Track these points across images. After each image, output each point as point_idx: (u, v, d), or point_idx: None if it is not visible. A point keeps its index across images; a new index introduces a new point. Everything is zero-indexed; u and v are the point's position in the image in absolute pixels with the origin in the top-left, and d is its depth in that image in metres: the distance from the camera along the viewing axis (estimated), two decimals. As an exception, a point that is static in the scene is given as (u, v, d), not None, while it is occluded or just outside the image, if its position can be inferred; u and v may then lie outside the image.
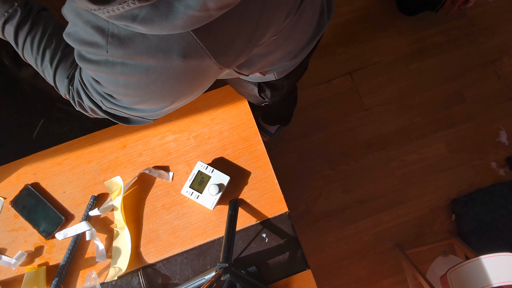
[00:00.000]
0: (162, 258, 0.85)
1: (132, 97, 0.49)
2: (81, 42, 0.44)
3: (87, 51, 0.44)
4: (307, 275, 0.83)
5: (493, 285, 1.12)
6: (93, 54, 0.44)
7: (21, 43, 0.60)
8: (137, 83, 0.45)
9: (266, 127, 1.69)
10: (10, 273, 0.86)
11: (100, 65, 0.44)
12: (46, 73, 0.62)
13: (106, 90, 0.50)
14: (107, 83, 0.48)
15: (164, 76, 0.44)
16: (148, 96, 0.48)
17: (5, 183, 0.91)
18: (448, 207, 1.73)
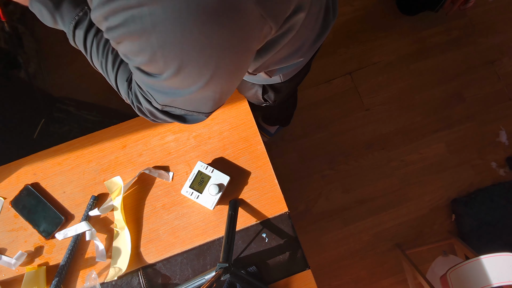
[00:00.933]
0: (162, 258, 0.85)
1: (171, 61, 0.42)
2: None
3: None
4: (307, 275, 0.83)
5: (493, 285, 1.12)
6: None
7: (89, 47, 0.59)
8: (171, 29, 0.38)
9: (266, 127, 1.69)
10: (10, 273, 0.86)
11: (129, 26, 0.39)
12: (110, 77, 0.61)
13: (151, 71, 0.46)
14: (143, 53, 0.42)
15: (197, 13, 0.36)
16: (187, 55, 0.41)
17: (5, 183, 0.91)
18: (448, 207, 1.73)
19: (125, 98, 0.61)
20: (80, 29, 0.57)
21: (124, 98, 0.62)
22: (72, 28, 0.58)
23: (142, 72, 0.45)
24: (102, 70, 0.62)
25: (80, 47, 0.61)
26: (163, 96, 0.50)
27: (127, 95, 0.60)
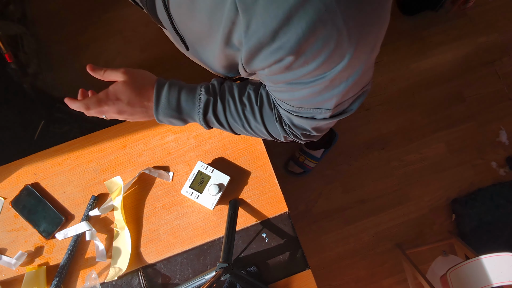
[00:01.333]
0: (162, 258, 0.85)
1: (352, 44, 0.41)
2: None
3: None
4: (307, 275, 0.83)
5: (493, 285, 1.12)
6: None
7: (224, 122, 0.63)
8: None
9: (311, 152, 1.69)
10: (10, 273, 0.86)
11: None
12: (258, 132, 0.64)
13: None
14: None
15: None
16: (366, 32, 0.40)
17: (5, 183, 0.91)
18: (448, 207, 1.73)
19: (277, 136, 0.63)
20: (209, 114, 0.61)
21: (275, 136, 0.64)
22: (202, 120, 0.62)
23: (314, 87, 0.46)
24: (246, 131, 0.64)
25: (216, 127, 0.65)
26: (333, 93, 0.48)
27: (284, 133, 0.62)
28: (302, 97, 0.50)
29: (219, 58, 0.53)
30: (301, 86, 0.47)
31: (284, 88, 0.50)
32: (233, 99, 0.61)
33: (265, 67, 0.44)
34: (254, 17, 0.38)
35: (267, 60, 0.42)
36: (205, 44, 0.52)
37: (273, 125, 0.62)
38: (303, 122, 0.57)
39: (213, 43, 0.49)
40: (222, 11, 0.41)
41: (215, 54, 0.52)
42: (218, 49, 0.50)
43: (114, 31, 1.87)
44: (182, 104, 0.61)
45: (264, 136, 0.65)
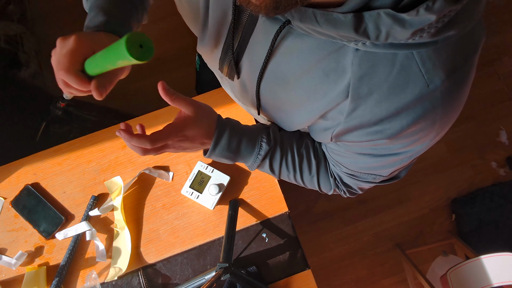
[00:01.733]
0: (162, 258, 0.85)
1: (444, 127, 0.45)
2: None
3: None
4: (307, 275, 0.83)
5: (493, 285, 1.12)
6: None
7: (277, 170, 0.64)
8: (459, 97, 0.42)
9: None
10: (10, 273, 0.86)
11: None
12: (307, 183, 0.65)
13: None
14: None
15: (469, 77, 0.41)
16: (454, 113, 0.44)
17: (5, 183, 0.91)
18: (448, 207, 1.73)
19: (326, 189, 0.66)
20: (265, 161, 0.62)
21: (323, 190, 0.67)
22: (257, 166, 0.63)
23: (382, 160, 0.50)
24: (295, 180, 0.66)
25: (263, 171, 0.66)
26: (395, 165, 0.52)
27: (332, 186, 0.64)
28: (365, 166, 0.53)
29: (301, 123, 0.54)
30: (370, 157, 0.50)
31: (351, 156, 0.52)
32: (292, 150, 0.62)
33: (354, 141, 0.47)
34: (362, 105, 0.41)
35: (360, 138, 0.45)
36: (290, 111, 0.54)
37: (327, 180, 0.64)
38: (352, 182, 0.60)
39: (301, 112, 0.51)
40: (327, 91, 0.43)
41: (295, 119, 0.54)
42: (306, 117, 0.51)
43: (114, 31, 1.87)
44: (242, 149, 0.60)
45: (311, 187, 0.67)
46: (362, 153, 0.50)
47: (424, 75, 0.37)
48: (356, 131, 0.45)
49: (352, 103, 0.42)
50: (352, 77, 0.40)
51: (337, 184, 0.63)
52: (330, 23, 0.34)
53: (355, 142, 0.47)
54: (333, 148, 0.56)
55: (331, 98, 0.44)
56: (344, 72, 0.40)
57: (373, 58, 0.38)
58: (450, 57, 0.37)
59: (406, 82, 0.38)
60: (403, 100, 0.39)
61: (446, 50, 0.37)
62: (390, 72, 0.38)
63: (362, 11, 0.33)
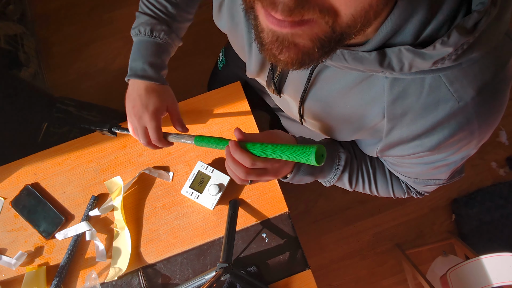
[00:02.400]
0: (162, 258, 0.85)
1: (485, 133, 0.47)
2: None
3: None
4: (307, 275, 0.83)
5: (493, 285, 1.12)
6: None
7: (354, 182, 0.64)
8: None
9: None
10: (10, 273, 0.86)
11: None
12: (381, 191, 0.66)
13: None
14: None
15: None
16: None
17: (5, 183, 0.91)
18: (448, 207, 1.73)
19: (398, 195, 0.67)
20: (344, 172, 0.62)
21: (396, 195, 0.68)
22: (336, 180, 0.63)
23: (436, 166, 0.51)
24: (369, 190, 0.66)
25: (338, 185, 0.66)
26: (450, 168, 0.53)
27: (405, 191, 0.66)
28: (420, 173, 0.55)
29: (345, 137, 0.57)
30: (421, 166, 0.52)
31: (406, 166, 0.55)
32: (365, 160, 0.64)
33: (398, 156, 0.51)
34: (399, 124, 0.44)
35: (403, 152, 0.48)
36: (331, 130, 0.57)
37: (399, 186, 0.65)
38: (417, 186, 0.62)
39: (342, 131, 0.55)
40: (364, 114, 0.47)
41: (340, 134, 0.57)
42: (347, 135, 0.55)
43: (114, 31, 1.87)
44: (324, 167, 0.61)
45: (384, 195, 0.68)
46: (412, 163, 0.52)
47: (454, 94, 0.39)
48: (398, 146, 0.48)
49: (389, 123, 0.45)
50: (386, 101, 0.43)
51: (408, 188, 0.65)
52: (357, 61, 0.38)
53: (400, 156, 0.51)
54: (388, 160, 0.59)
55: (369, 119, 0.47)
56: (377, 96, 0.43)
57: (402, 83, 0.41)
58: (477, 75, 0.38)
59: (437, 101, 0.40)
60: (436, 117, 0.41)
61: (473, 69, 0.38)
62: (420, 93, 0.40)
63: (384, 48, 0.36)
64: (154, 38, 0.66)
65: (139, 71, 0.65)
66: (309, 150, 0.44)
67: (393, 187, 0.65)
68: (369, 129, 0.49)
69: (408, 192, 0.66)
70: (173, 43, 0.70)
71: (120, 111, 1.40)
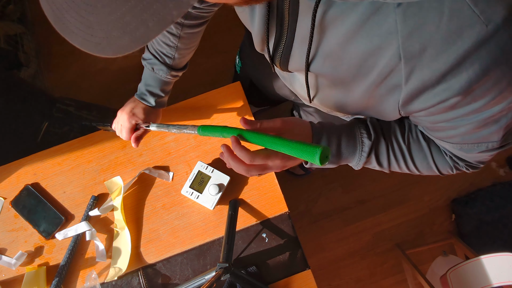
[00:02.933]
0: (162, 258, 0.85)
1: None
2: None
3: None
4: (307, 275, 0.83)
5: (493, 285, 1.12)
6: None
7: (385, 163, 0.59)
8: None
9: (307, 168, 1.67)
10: (10, 273, 0.86)
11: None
12: (422, 167, 0.60)
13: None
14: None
15: None
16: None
17: (5, 183, 0.91)
18: (448, 207, 1.73)
19: (443, 169, 0.60)
20: (371, 156, 0.58)
21: (441, 171, 0.60)
22: (363, 163, 0.59)
23: (479, 122, 0.44)
24: (407, 168, 0.60)
25: (371, 167, 0.61)
26: (501, 125, 0.45)
27: (451, 164, 0.58)
28: (465, 133, 0.47)
29: (359, 100, 0.51)
30: (464, 122, 0.44)
31: (444, 127, 0.48)
32: (396, 137, 0.58)
33: (426, 108, 0.43)
34: (419, 64, 0.38)
35: (430, 101, 0.41)
36: (342, 88, 0.51)
37: (443, 159, 0.58)
38: (466, 156, 0.54)
39: (355, 87, 0.48)
40: (377, 60, 0.41)
41: (354, 96, 0.50)
42: (362, 92, 0.48)
43: (114, 31, 1.87)
44: (342, 150, 0.57)
45: (428, 172, 0.61)
46: (449, 120, 0.45)
47: (480, 16, 0.33)
48: (422, 95, 0.41)
49: (407, 65, 0.38)
50: (400, 37, 0.37)
51: (454, 160, 0.57)
52: None
53: (429, 109, 0.43)
54: (424, 126, 0.52)
55: (383, 64, 0.41)
56: (389, 34, 0.37)
57: (418, 11, 0.35)
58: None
59: (460, 27, 0.34)
60: (461, 48, 0.34)
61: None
62: (440, 21, 0.34)
63: None
64: (156, 74, 0.77)
65: (141, 94, 0.80)
66: (314, 151, 0.42)
67: (434, 160, 0.58)
68: (386, 78, 0.43)
69: (455, 166, 0.58)
70: (173, 77, 0.79)
71: (120, 111, 1.40)
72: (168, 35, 0.72)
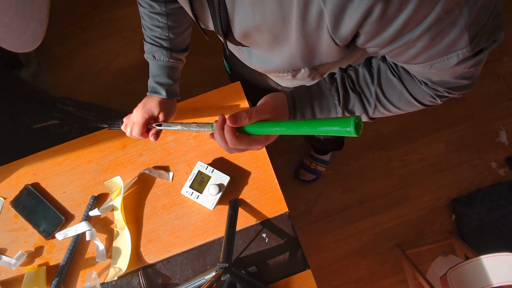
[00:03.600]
0: (162, 258, 0.85)
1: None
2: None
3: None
4: (307, 275, 0.83)
5: (493, 285, 1.12)
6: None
7: (364, 115, 0.58)
8: None
9: (321, 157, 1.68)
10: (10, 273, 0.86)
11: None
12: (403, 105, 0.58)
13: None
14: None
15: None
16: None
17: (5, 183, 0.91)
18: (448, 207, 1.73)
19: (423, 99, 0.56)
20: (346, 109, 0.57)
21: (421, 101, 0.57)
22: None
23: (430, 31, 0.40)
24: (389, 111, 0.59)
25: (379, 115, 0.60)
26: (460, 26, 0.40)
27: (430, 92, 0.54)
28: (426, 47, 0.43)
29: (299, 45, 0.50)
30: (414, 34, 0.40)
31: (400, 48, 0.44)
32: (365, 82, 0.56)
33: (355, 26, 0.41)
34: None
35: (354, 17, 0.39)
36: (282, 38, 0.51)
37: (418, 88, 0.54)
38: (442, 75, 0.49)
39: (289, 30, 0.47)
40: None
41: (293, 42, 0.50)
42: (296, 33, 0.47)
43: (114, 31, 1.87)
44: (319, 117, 0.57)
45: (410, 107, 0.58)
46: (395, 37, 0.42)
47: None
48: (345, 13, 0.40)
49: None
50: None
51: (432, 88, 0.53)
52: None
53: (362, 29, 0.42)
54: (380, 53, 0.48)
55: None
56: None
57: None
58: None
59: None
60: None
61: None
62: None
63: None
64: (158, 61, 0.77)
65: (151, 88, 0.80)
66: (347, 123, 0.41)
67: (410, 92, 0.55)
68: (308, 11, 0.42)
69: (436, 94, 0.54)
70: (176, 60, 0.79)
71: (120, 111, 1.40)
72: (155, 15, 0.73)
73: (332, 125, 0.43)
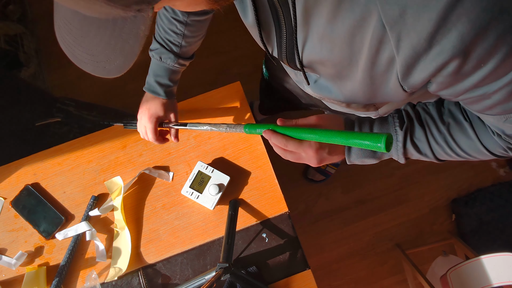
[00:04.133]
0: (162, 258, 0.85)
1: None
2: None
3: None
4: (307, 275, 0.83)
5: (493, 285, 1.12)
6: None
7: (427, 150, 0.55)
8: None
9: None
10: (10, 273, 0.86)
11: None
12: (470, 151, 0.54)
13: None
14: None
15: None
16: None
17: (5, 183, 0.91)
18: (448, 207, 1.73)
19: (494, 150, 0.53)
20: (407, 145, 0.55)
21: (491, 151, 0.54)
22: (402, 154, 0.55)
23: (508, 86, 0.39)
24: (455, 153, 0.55)
25: (415, 157, 0.58)
26: None
27: (501, 144, 0.51)
28: (502, 101, 0.41)
29: (363, 83, 0.49)
30: (492, 88, 0.39)
31: (474, 98, 0.43)
32: (433, 120, 0.53)
33: (427, 78, 0.40)
34: (404, 29, 0.35)
35: (428, 69, 0.38)
36: (345, 74, 0.50)
37: (490, 139, 0.51)
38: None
39: (355, 69, 0.47)
40: (364, 32, 0.39)
41: (358, 81, 0.49)
42: (362, 74, 0.46)
43: (114, 31, 1.87)
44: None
45: (479, 156, 0.55)
46: (470, 89, 0.40)
47: None
48: (418, 63, 0.38)
49: (392, 32, 0.36)
50: (378, 2, 0.35)
51: (505, 140, 0.51)
52: None
53: (434, 78, 0.40)
54: (454, 100, 0.47)
55: (370, 36, 0.39)
56: (369, 2, 0.36)
57: None
58: None
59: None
60: (441, 2, 0.31)
61: None
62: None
63: None
64: (163, 63, 0.78)
65: (150, 86, 0.79)
66: (379, 138, 0.42)
67: (480, 140, 0.52)
68: (379, 55, 0.41)
69: (508, 147, 0.51)
70: (181, 66, 0.80)
71: (120, 111, 1.40)
72: (175, 22, 0.73)
73: (364, 139, 0.45)
